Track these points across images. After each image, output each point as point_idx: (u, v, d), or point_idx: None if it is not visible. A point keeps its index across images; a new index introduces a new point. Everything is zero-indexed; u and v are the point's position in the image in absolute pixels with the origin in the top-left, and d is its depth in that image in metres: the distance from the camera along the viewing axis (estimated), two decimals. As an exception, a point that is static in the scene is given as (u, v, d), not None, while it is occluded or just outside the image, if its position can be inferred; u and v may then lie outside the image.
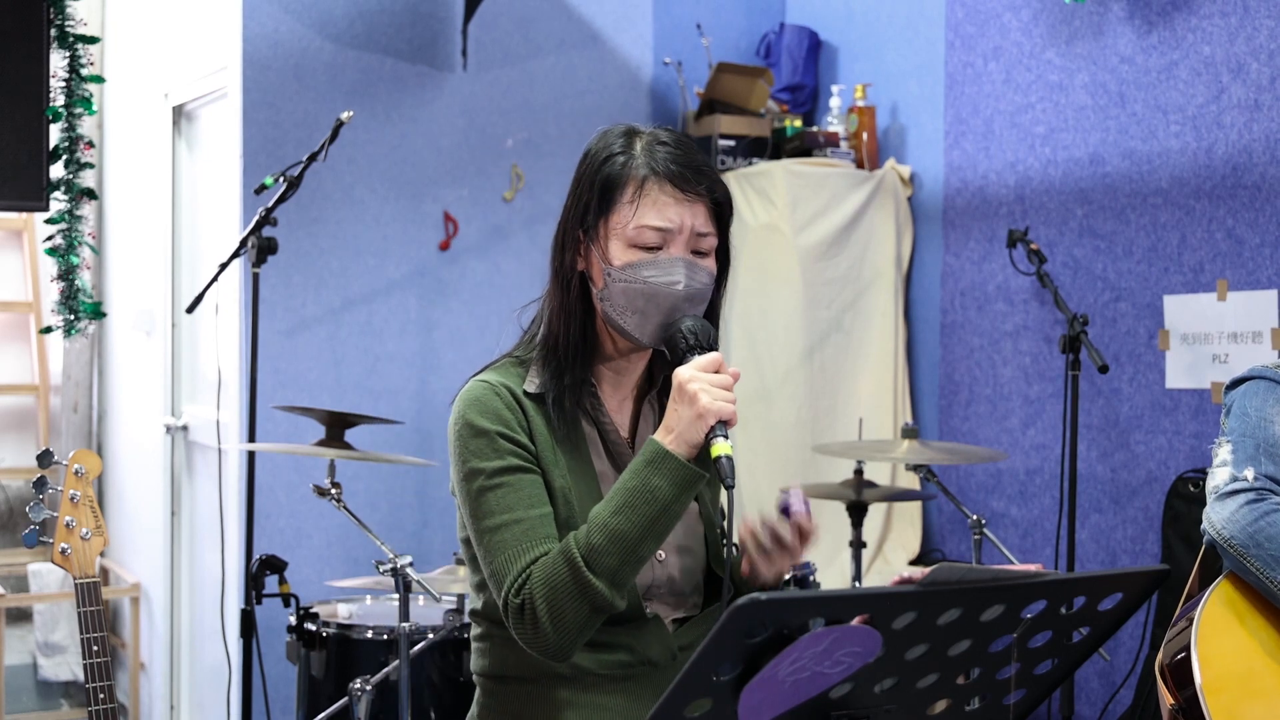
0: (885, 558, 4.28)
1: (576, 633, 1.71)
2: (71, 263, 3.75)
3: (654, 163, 1.80)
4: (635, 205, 1.79)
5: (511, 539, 1.74)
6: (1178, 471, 3.56)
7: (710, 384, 1.70)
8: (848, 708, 1.42)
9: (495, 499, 1.76)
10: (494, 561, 1.75)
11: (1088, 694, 3.82)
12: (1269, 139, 3.38)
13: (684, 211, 1.79)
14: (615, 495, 1.72)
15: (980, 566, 1.39)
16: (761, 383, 4.24)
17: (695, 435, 1.70)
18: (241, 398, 3.92)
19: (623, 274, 1.78)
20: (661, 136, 1.85)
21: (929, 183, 4.33)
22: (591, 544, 1.70)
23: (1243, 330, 3.43)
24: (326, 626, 3.14)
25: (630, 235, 1.78)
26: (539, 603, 1.70)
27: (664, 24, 4.65)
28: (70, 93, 3.67)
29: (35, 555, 5.14)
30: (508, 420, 1.79)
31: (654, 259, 1.78)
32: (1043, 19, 3.95)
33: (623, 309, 1.79)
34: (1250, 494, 2.22)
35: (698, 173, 1.81)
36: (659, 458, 1.71)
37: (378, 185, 4.15)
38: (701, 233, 1.81)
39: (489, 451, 1.77)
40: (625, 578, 1.71)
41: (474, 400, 1.80)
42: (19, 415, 5.45)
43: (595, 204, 1.81)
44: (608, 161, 1.82)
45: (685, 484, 1.71)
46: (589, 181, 1.83)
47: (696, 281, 1.79)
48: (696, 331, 1.76)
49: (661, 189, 1.79)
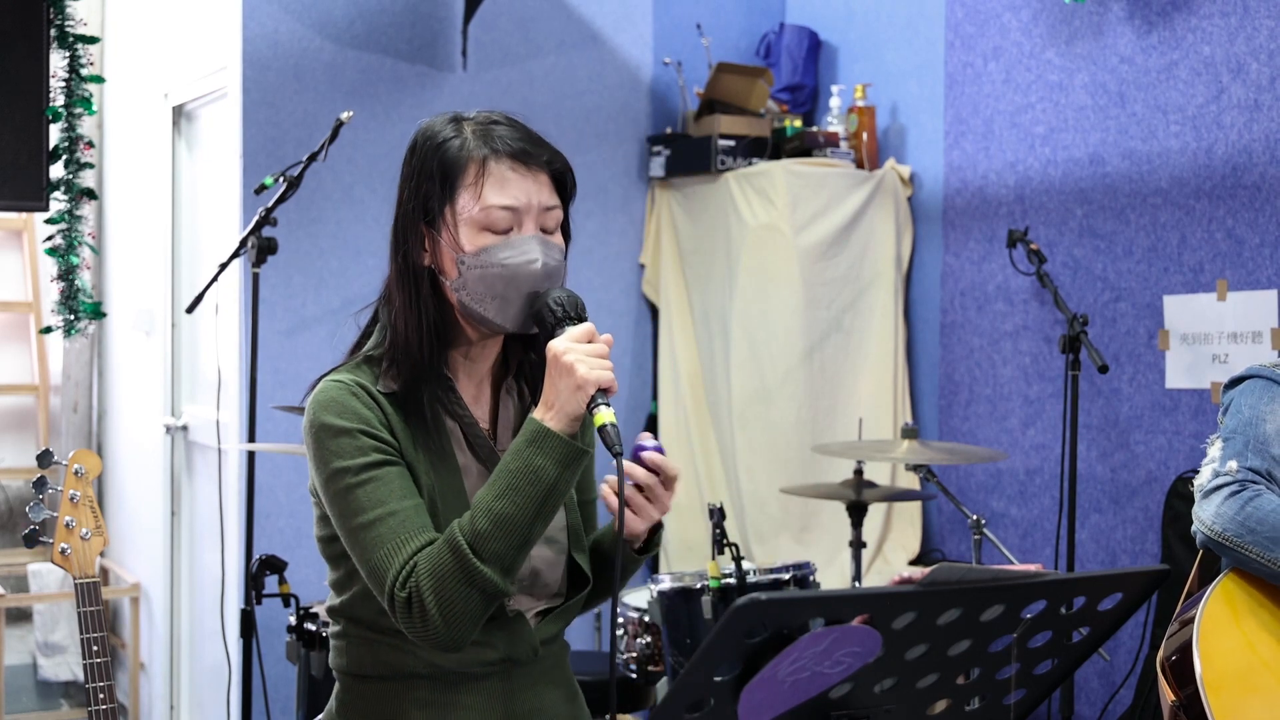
0: (885, 558, 4.28)
1: (468, 622, 1.66)
2: (71, 263, 3.75)
3: (492, 141, 1.75)
4: (479, 186, 1.73)
5: (388, 532, 1.68)
6: (1178, 471, 3.56)
7: (586, 353, 1.65)
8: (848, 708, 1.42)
9: (365, 494, 1.70)
10: (372, 558, 1.68)
11: (1088, 694, 3.82)
12: (1269, 139, 3.38)
13: (529, 186, 1.74)
14: (498, 478, 1.67)
15: (980, 566, 1.39)
16: (761, 383, 4.24)
17: (575, 407, 1.65)
18: (241, 398, 3.92)
19: (477, 260, 1.72)
20: (494, 116, 1.79)
21: (929, 183, 4.34)
22: (477, 530, 1.65)
23: (1242, 330, 3.43)
24: (326, 626, 3.14)
25: (478, 218, 1.73)
26: (426, 594, 1.64)
27: (664, 24, 4.65)
28: (70, 93, 3.67)
29: (35, 555, 5.14)
30: (367, 418, 1.73)
31: (507, 240, 1.73)
32: (1043, 19, 3.95)
33: (481, 296, 1.73)
34: (1232, 485, 2.23)
35: (536, 144, 1.77)
36: (540, 436, 1.66)
37: (378, 185, 4.15)
38: (548, 206, 1.76)
39: (352, 449, 1.71)
40: (514, 562, 1.67)
41: (330, 401, 1.74)
42: (19, 415, 5.45)
43: (437, 191, 1.75)
44: (442, 147, 1.76)
45: (569, 461, 1.66)
46: (425, 171, 1.77)
47: (552, 258, 1.75)
48: (564, 303, 1.71)
49: (501, 165, 1.74)
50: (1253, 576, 2.22)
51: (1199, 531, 2.25)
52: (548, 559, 1.83)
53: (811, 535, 4.28)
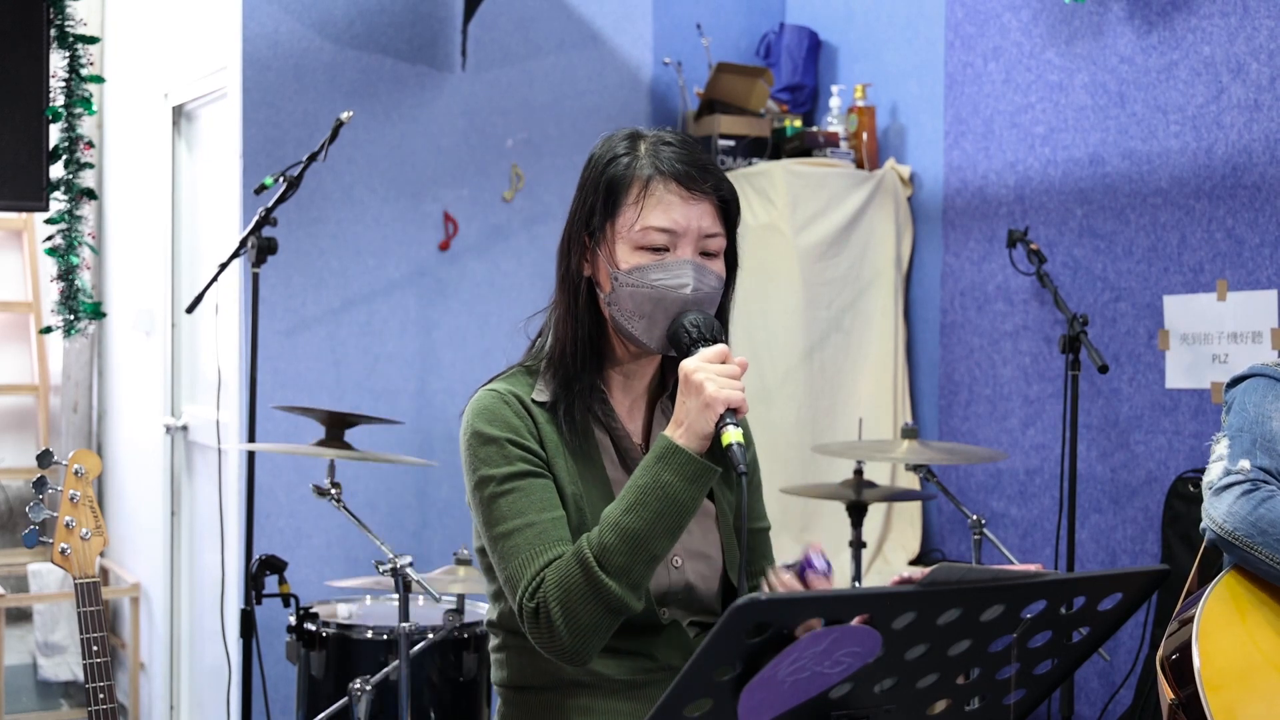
0: (885, 558, 4.28)
1: (592, 635, 1.68)
2: (71, 263, 3.75)
3: (658, 162, 1.77)
4: (640, 206, 1.76)
5: (524, 543, 1.72)
6: (1177, 471, 3.56)
7: (716, 373, 1.67)
8: (848, 708, 1.42)
9: (507, 504, 1.74)
10: (508, 567, 1.73)
11: (1088, 694, 3.82)
12: (1269, 139, 3.38)
13: (690, 212, 1.76)
14: (627, 493, 1.70)
15: (980, 566, 1.39)
16: (761, 383, 4.24)
17: (704, 425, 1.67)
18: (241, 398, 3.92)
19: (629, 278, 1.75)
20: (665, 137, 1.82)
21: (929, 183, 4.34)
22: (604, 543, 1.67)
23: (1242, 330, 3.43)
24: (326, 626, 3.14)
25: (636, 237, 1.76)
26: (553, 605, 1.67)
27: (664, 24, 4.65)
28: (70, 93, 3.67)
29: (35, 555, 5.14)
30: (516, 427, 1.77)
31: (661, 261, 1.75)
32: (1043, 19, 3.95)
33: (630, 314, 1.76)
34: (1245, 484, 2.23)
35: (703, 171, 1.78)
36: (668, 452, 1.68)
37: (378, 185, 4.15)
38: (709, 233, 1.78)
39: (499, 458, 1.76)
40: (640, 577, 1.68)
41: (482, 409, 1.79)
42: (19, 415, 5.45)
43: (600, 207, 1.78)
44: (612, 163, 1.80)
45: (696, 477, 1.68)
46: (593, 185, 1.81)
47: (705, 284, 1.76)
48: (699, 324, 1.73)
49: (667, 189, 1.76)
50: (1254, 575, 2.22)
51: (1208, 529, 2.25)
52: (703, 574, 1.85)
53: (811, 535, 4.28)
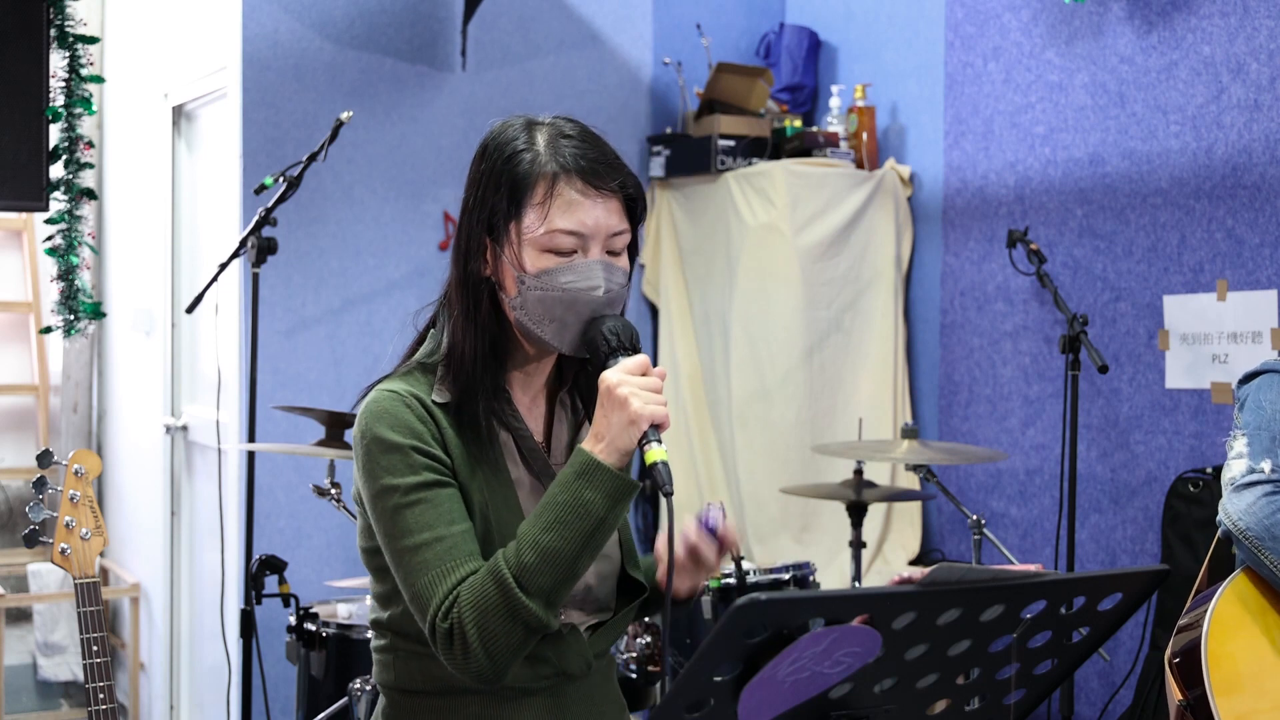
0: (885, 558, 4.28)
1: (510, 655, 1.62)
2: (71, 263, 3.75)
3: (562, 159, 1.68)
4: (546, 208, 1.67)
5: (434, 558, 1.64)
6: (1177, 471, 3.56)
7: (640, 387, 1.62)
8: (848, 708, 1.42)
9: (413, 517, 1.65)
10: (417, 584, 1.65)
11: (1088, 694, 3.82)
12: (1269, 139, 3.38)
13: (598, 212, 1.68)
14: (545, 510, 1.63)
15: (980, 566, 1.39)
16: (761, 383, 4.24)
17: (627, 442, 1.62)
18: (241, 398, 3.92)
19: (538, 281, 1.68)
20: (564, 129, 1.72)
21: (929, 183, 4.33)
22: (523, 563, 1.61)
23: (1242, 330, 3.43)
24: (326, 626, 3.14)
25: (543, 240, 1.67)
26: (469, 627, 1.60)
27: (664, 24, 4.65)
28: (70, 93, 3.67)
29: (35, 555, 5.14)
30: (420, 433, 1.68)
31: (570, 264, 1.68)
32: (1043, 19, 3.95)
33: (539, 318, 1.69)
34: (1268, 486, 2.23)
35: (609, 168, 1.70)
36: (590, 469, 1.62)
37: (378, 185, 4.15)
38: (616, 231, 1.71)
39: (403, 467, 1.67)
40: (559, 596, 1.63)
41: (383, 413, 1.69)
42: (19, 415, 5.45)
43: (504, 206, 1.69)
44: (511, 159, 1.70)
45: (619, 496, 1.63)
46: (492, 182, 1.71)
47: (615, 283, 1.70)
48: (619, 332, 1.67)
49: (572, 188, 1.67)
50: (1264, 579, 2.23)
51: (1223, 522, 2.25)
52: (601, 573, 1.80)
53: (811, 535, 4.28)
